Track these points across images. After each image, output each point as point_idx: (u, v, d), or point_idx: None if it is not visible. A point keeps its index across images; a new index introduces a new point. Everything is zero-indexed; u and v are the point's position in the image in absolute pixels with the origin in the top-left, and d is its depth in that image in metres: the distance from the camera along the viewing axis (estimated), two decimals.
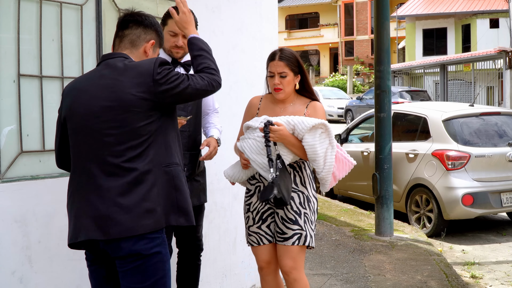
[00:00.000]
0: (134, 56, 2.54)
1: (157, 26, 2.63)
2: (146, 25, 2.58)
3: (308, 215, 3.20)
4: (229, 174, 3.37)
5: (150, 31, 2.59)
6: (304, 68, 3.27)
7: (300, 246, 3.19)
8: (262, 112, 3.30)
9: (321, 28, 42.64)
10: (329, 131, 3.07)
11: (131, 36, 2.56)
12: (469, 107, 7.60)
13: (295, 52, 3.29)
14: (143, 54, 2.58)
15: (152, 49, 2.61)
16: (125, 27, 2.57)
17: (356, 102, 22.81)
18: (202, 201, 3.51)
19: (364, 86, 34.76)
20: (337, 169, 3.12)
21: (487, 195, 6.70)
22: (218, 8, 4.15)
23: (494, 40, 27.22)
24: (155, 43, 2.61)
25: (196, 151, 3.44)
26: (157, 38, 2.63)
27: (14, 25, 2.98)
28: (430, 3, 31.18)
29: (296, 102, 3.29)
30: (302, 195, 3.21)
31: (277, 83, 3.20)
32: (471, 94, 21.65)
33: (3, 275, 2.86)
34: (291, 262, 3.20)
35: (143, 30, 2.58)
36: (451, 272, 5.14)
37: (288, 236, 3.18)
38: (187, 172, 3.37)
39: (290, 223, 3.18)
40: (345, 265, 5.36)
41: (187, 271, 3.59)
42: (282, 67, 3.18)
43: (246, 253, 4.47)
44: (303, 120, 3.06)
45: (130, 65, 2.42)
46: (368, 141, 8.37)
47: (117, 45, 2.57)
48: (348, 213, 7.71)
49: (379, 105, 6.35)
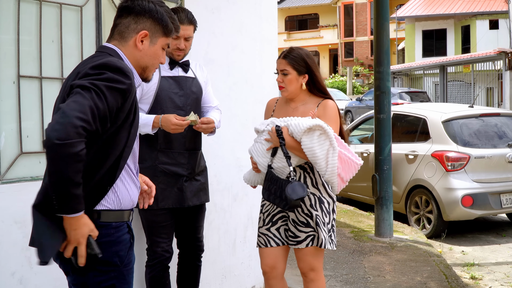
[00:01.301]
0: (125, 50, 2.22)
1: (153, 12, 2.21)
2: (138, 12, 2.20)
3: (320, 216, 3.16)
4: (246, 178, 3.40)
5: (142, 20, 2.20)
6: (313, 67, 3.25)
7: (315, 247, 3.18)
8: (276, 113, 3.34)
9: (321, 29, 42.66)
10: (328, 132, 3.00)
11: (120, 26, 2.22)
12: (468, 108, 7.61)
13: (305, 52, 3.27)
14: (134, 47, 2.22)
15: (148, 40, 2.22)
16: (118, 15, 2.24)
17: (355, 103, 22.81)
18: (202, 201, 3.49)
19: (364, 87, 34.76)
20: (342, 170, 3.06)
21: (487, 196, 6.70)
22: (218, 9, 4.15)
23: (494, 41, 27.22)
24: (148, 34, 2.21)
25: (195, 150, 3.44)
26: (155, 27, 2.23)
27: (14, 26, 2.98)
28: (429, 4, 31.19)
29: (308, 101, 3.28)
30: (314, 197, 3.19)
31: (278, 81, 3.25)
32: (471, 95, 21.66)
33: (3, 276, 2.86)
34: (308, 264, 3.21)
35: (133, 19, 2.20)
36: (451, 273, 5.14)
37: (301, 239, 3.18)
38: (187, 171, 3.37)
39: (302, 226, 3.17)
40: (344, 266, 5.36)
41: (187, 272, 3.58)
42: (284, 65, 3.22)
43: (245, 254, 4.47)
44: (299, 122, 3.03)
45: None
46: (368, 142, 8.36)
47: (110, 36, 2.26)
48: (348, 214, 7.71)
49: (378, 106, 6.35)
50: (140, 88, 3.25)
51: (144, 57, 2.25)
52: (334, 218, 3.27)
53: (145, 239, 3.50)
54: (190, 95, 3.39)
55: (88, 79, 2.01)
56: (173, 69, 3.39)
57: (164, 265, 3.39)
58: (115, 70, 2.05)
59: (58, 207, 1.94)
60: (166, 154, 3.31)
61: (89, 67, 2.06)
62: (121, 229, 2.17)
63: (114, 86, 2.03)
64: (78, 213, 1.97)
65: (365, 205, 8.33)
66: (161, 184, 3.29)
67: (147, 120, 3.17)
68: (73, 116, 1.88)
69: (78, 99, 1.94)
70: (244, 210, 4.45)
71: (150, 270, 3.38)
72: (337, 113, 3.23)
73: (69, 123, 1.87)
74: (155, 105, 3.29)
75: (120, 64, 2.08)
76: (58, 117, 1.89)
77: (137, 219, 3.56)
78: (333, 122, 3.17)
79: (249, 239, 4.50)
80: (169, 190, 3.32)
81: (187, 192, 3.36)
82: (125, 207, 2.20)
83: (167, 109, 3.28)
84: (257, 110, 4.56)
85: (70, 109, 1.90)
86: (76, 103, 1.92)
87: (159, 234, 3.35)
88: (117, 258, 2.14)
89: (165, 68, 3.37)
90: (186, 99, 3.37)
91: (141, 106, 3.28)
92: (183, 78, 3.40)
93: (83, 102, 1.93)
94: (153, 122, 3.17)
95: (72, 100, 1.94)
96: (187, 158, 3.36)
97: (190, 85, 3.41)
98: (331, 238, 3.20)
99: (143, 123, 3.14)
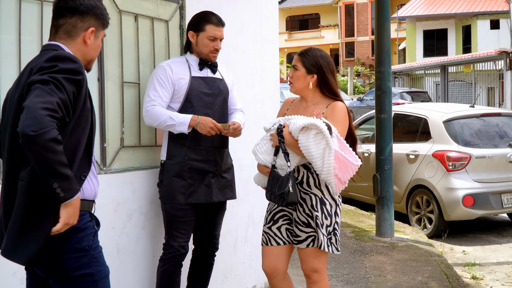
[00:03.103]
0: (71, 47, 2.34)
1: (95, 9, 2.37)
2: (82, 11, 2.33)
3: (320, 218, 3.15)
4: (256, 179, 3.45)
5: (87, 17, 2.35)
6: (325, 69, 3.27)
7: (316, 248, 3.18)
8: (289, 111, 3.42)
9: (322, 29, 42.65)
10: (324, 132, 2.99)
11: (65, 26, 2.33)
12: (469, 108, 7.60)
13: (321, 54, 3.31)
14: (82, 44, 2.36)
15: (94, 35, 2.38)
16: (59, 15, 2.34)
17: (356, 103, 22.79)
18: (228, 197, 3.62)
19: (365, 87, 34.75)
20: (339, 171, 3.04)
21: (488, 196, 6.70)
22: (219, 9, 4.15)
23: (495, 41, 27.21)
24: (95, 30, 2.38)
25: (223, 148, 3.56)
26: (98, 22, 2.39)
27: (15, 26, 2.98)
28: (430, 4, 31.18)
29: (319, 102, 3.31)
30: (315, 197, 3.19)
31: (289, 75, 3.37)
32: (472, 95, 21.66)
33: (5, 276, 2.86)
34: (310, 266, 3.23)
35: (79, 18, 2.34)
36: (452, 273, 5.14)
37: (301, 239, 3.20)
38: (214, 168, 3.49)
39: (303, 226, 3.19)
40: (345, 266, 5.36)
41: (200, 270, 3.69)
42: (296, 61, 3.33)
43: (246, 254, 4.48)
44: (297, 120, 3.07)
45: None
46: (369, 142, 8.37)
47: (52, 35, 2.36)
48: (349, 214, 7.71)
49: (379, 106, 6.35)
50: (172, 88, 3.43)
51: (91, 51, 2.40)
52: (337, 222, 3.24)
53: (161, 234, 3.58)
54: (218, 95, 3.54)
55: (44, 72, 2.11)
56: (202, 69, 3.54)
57: (178, 261, 3.47)
58: (67, 60, 2.17)
59: (63, 194, 2.07)
60: (195, 150, 3.45)
61: (43, 61, 2.16)
62: (84, 217, 2.31)
63: (71, 77, 2.15)
64: (78, 192, 2.14)
65: (366, 205, 8.33)
66: (189, 179, 3.43)
67: (184, 119, 3.34)
68: (39, 108, 1.99)
69: (39, 92, 2.04)
70: (245, 210, 4.45)
71: (164, 263, 3.46)
72: (344, 115, 3.24)
73: (38, 114, 1.98)
74: (185, 104, 3.44)
75: (69, 55, 2.21)
76: (25, 113, 1.99)
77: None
78: (339, 123, 3.18)
79: (250, 239, 4.50)
80: (196, 185, 3.45)
81: (213, 188, 3.50)
82: (88, 197, 2.35)
83: (197, 108, 3.44)
84: (258, 110, 4.56)
85: (34, 102, 2.00)
86: (38, 97, 2.03)
87: (178, 228, 3.44)
88: (85, 243, 2.29)
89: (195, 68, 3.52)
90: (214, 99, 3.52)
91: (172, 105, 3.46)
92: (212, 79, 3.55)
93: (44, 94, 2.04)
94: (190, 121, 3.33)
95: (33, 95, 2.03)
96: (214, 155, 3.50)
97: (218, 85, 3.56)
98: (330, 241, 3.19)
99: (180, 121, 3.33)
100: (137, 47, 3.63)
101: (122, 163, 3.53)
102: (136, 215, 3.55)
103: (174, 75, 3.43)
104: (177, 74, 3.44)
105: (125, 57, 3.55)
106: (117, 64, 3.51)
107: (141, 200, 3.57)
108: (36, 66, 2.17)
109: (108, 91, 3.44)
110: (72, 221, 2.16)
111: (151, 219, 3.64)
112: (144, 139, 3.66)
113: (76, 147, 2.22)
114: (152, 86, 3.42)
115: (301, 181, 3.21)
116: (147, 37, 3.71)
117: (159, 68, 3.46)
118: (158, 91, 3.39)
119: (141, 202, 3.57)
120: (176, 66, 3.47)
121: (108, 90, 3.44)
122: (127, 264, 3.51)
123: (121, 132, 3.52)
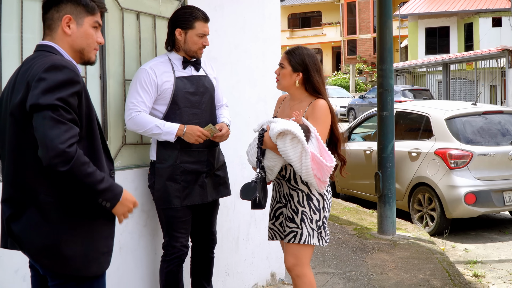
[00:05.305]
0: (57, 41, 2.28)
1: None
2: (56, 2, 2.25)
3: (307, 213, 3.22)
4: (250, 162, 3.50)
5: (62, 6, 2.25)
6: (311, 68, 3.29)
7: (297, 244, 3.24)
8: (281, 109, 3.49)
9: (324, 27, 42.60)
10: (299, 137, 3.06)
11: (47, 21, 2.29)
12: (471, 106, 7.59)
13: (307, 53, 3.34)
14: (63, 34, 2.26)
15: (75, 23, 2.26)
16: (43, 12, 2.31)
17: (358, 101, 22.80)
18: (223, 195, 3.63)
19: (367, 84, 34.72)
20: (318, 171, 3.11)
21: (490, 194, 6.70)
22: (221, 7, 4.15)
23: (497, 39, 27.15)
24: (72, 17, 2.25)
25: (214, 147, 3.53)
26: (76, 9, 2.26)
27: (17, 24, 2.99)
28: (432, 2, 31.13)
29: (303, 100, 3.35)
30: (302, 193, 3.26)
31: (276, 73, 3.41)
32: (474, 93, 21.62)
33: (7, 273, 2.87)
34: (292, 259, 3.28)
35: (55, 9, 2.25)
36: (454, 271, 5.14)
37: (285, 234, 3.29)
38: (207, 168, 3.47)
39: (288, 221, 3.28)
40: (347, 263, 5.37)
41: (202, 264, 3.69)
42: (283, 59, 3.37)
43: (248, 251, 4.48)
44: (275, 125, 3.14)
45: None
46: (371, 139, 8.36)
47: (43, 34, 2.33)
48: (351, 212, 7.71)
49: (381, 104, 6.35)
50: (156, 92, 3.33)
51: (76, 40, 2.29)
52: (325, 216, 3.30)
53: (157, 235, 3.59)
54: (204, 93, 3.47)
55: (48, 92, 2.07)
56: (186, 68, 3.46)
57: (181, 260, 3.47)
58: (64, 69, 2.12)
59: (109, 204, 2.20)
60: (187, 153, 3.40)
61: (41, 71, 2.11)
62: None
63: (73, 91, 2.13)
64: (122, 193, 2.25)
65: (368, 203, 8.33)
66: (183, 182, 3.39)
67: (171, 129, 3.29)
68: (59, 142, 2.02)
69: (51, 124, 2.04)
70: (247, 207, 4.43)
71: (167, 264, 3.44)
72: (325, 114, 3.25)
73: (60, 149, 2.02)
74: (172, 106, 3.36)
75: (65, 63, 2.15)
76: (47, 150, 2.02)
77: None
78: (319, 122, 3.22)
79: (252, 237, 4.51)
80: (191, 187, 3.42)
81: (208, 187, 3.49)
82: None
83: (184, 109, 3.37)
84: (260, 108, 4.56)
85: (52, 139, 2.03)
86: (52, 129, 2.04)
87: (179, 229, 3.43)
88: None
89: (179, 68, 3.43)
90: (200, 98, 3.45)
91: (157, 107, 3.37)
92: (196, 77, 3.48)
93: (58, 125, 2.04)
94: (177, 130, 3.29)
95: (47, 127, 2.04)
96: (206, 155, 3.47)
97: (204, 83, 3.49)
98: (321, 235, 3.26)
99: (166, 131, 3.27)
100: (139, 45, 3.63)
101: (124, 161, 3.53)
102: (138, 212, 3.55)
103: (158, 78, 3.32)
104: (161, 77, 3.33)
105: (127, 55, 3.55)
106: (119, 62, 3.51)
107: (143, 198, 3.58)
108: (35, 76, 2.12)
109: (110, 89, 3.44)
110: (127, 211, 2.29)
111: (153, 216, 3.65)
112: (146, 136, 3.67)
113: (96, 150, 2.27)
114: (136, 91, 3.30)
115: (289, 178, 3.29)
116: (149, 35, 3.70)
117: (142, 72, 3.33)
118: (141, 96, 3.29)
119: (143, 199, 3.57)
120: (159, 68, 3.35)
121: (110, 87, 3.44)
122: (129, 261, 3.52)
123: (123, 129, 3.53)
